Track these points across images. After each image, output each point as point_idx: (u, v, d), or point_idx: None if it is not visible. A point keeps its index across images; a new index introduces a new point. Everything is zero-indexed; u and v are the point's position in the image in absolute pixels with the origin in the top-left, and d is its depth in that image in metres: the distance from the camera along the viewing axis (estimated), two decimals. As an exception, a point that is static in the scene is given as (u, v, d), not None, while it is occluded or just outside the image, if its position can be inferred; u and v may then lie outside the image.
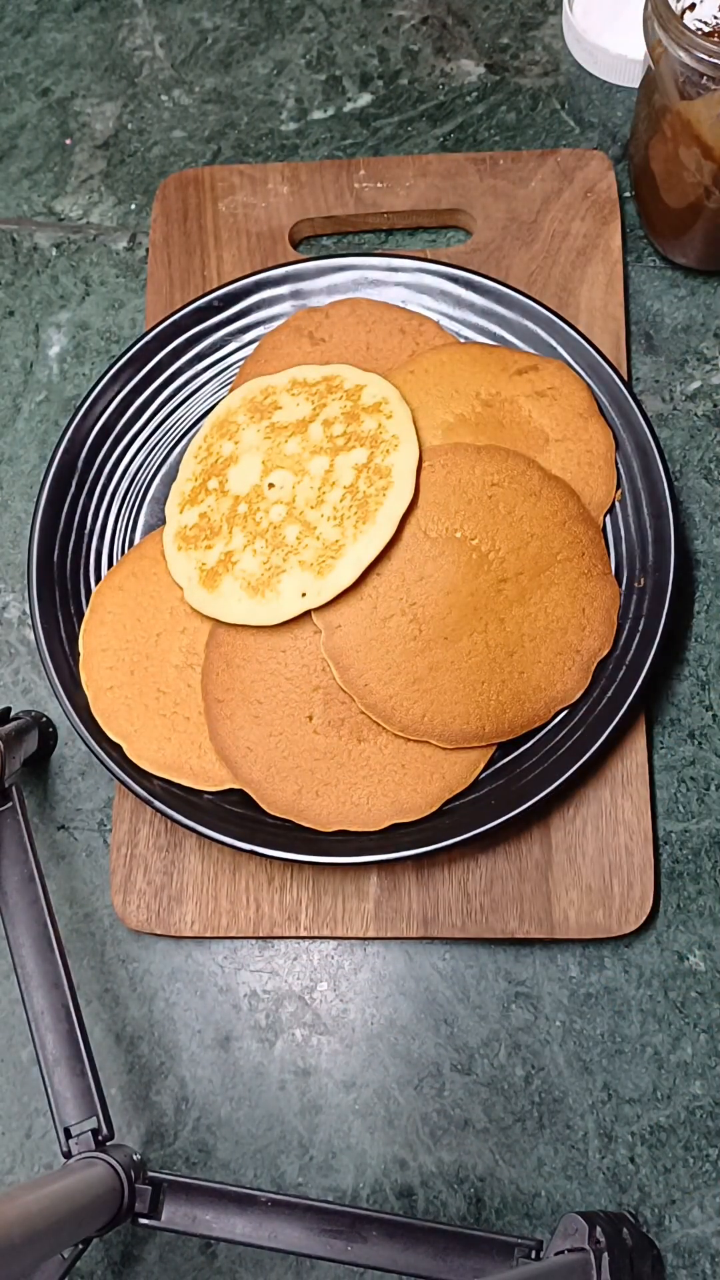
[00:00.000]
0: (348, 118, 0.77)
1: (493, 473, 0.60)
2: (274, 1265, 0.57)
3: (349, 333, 0.67)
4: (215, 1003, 0.61)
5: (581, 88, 0.76)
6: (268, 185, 0.73)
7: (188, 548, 0.60)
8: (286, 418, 0.61)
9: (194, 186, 0.74)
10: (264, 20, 0.80)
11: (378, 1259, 0.52)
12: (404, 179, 0.73)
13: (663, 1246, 0.56)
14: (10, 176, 0.77)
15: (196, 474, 0.62)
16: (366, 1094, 0.59)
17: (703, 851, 0.61)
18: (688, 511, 0.66)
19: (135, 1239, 0.58)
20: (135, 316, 0.73)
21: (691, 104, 0.59)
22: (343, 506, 0.57)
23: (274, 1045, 0.60)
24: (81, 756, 0.65)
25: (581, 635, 0.60)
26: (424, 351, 0.65)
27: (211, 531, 0.60)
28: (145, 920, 0.61)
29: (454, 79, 0.77)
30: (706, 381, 0.68)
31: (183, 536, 0.61)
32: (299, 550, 0.57)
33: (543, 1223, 0.57)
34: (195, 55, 0.79)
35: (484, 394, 0.63)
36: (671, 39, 0.57)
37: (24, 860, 0.57)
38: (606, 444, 0.63)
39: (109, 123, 0.78)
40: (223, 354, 0.68)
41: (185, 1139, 0.60)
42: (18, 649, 0.67)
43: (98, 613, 0.62)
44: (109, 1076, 0.60)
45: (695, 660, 0.64)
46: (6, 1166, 0.60)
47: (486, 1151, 0.58)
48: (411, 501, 0.58)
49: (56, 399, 0.72)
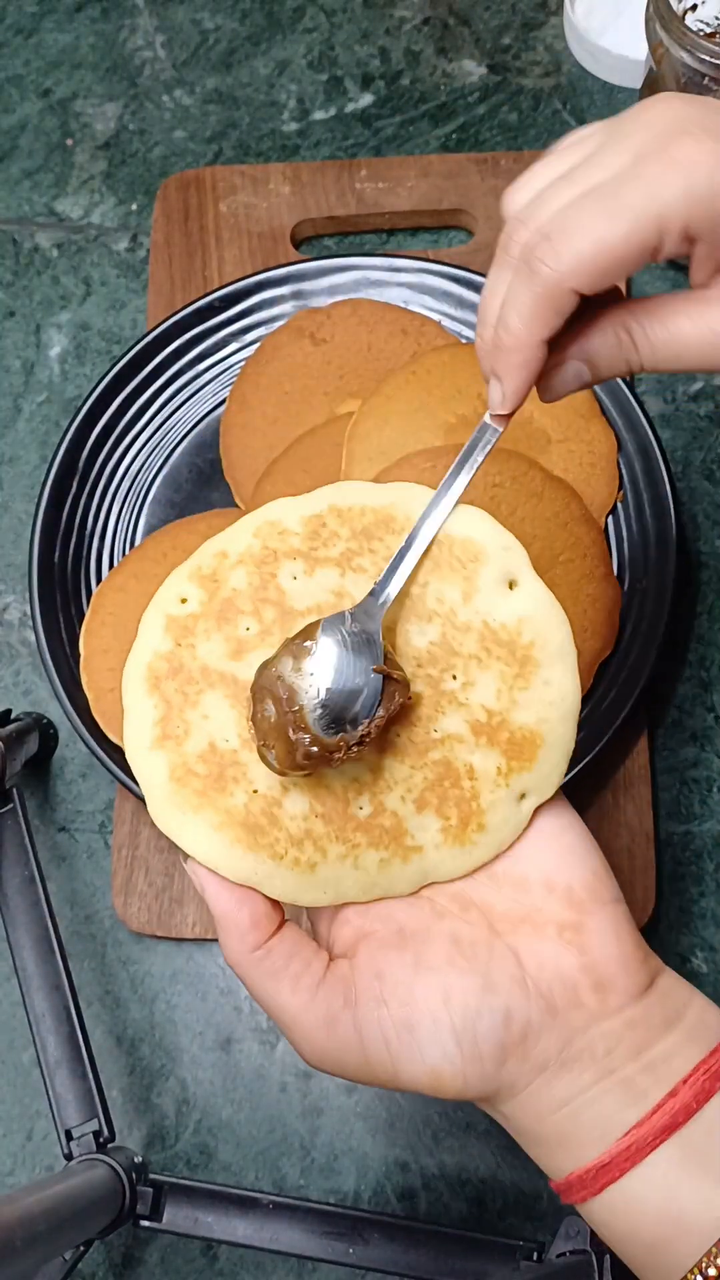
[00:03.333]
0: (349, 118, 0.77)
1: (494, 473, 0.60)
2: (275, 1267, 0.57)
3: (350, 333, 0.67)
4: (216, 1005, 0.61)
5: (583, 88, 0.76)
6: (269, 185, 0.73)
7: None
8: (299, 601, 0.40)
9: (195, 187, 0.74)
10: (265, 20, 0.80)
11: (379, 1261, 0.52)
12: (406, 179, 0.72)
13: (665, 1249, 0.56)
14: (11, 177, 0.77)
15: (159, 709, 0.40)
16: (368, 1096, 0.59)
17: (704, 853, 0.61)
18: (690, 513, 0.66)
19: (136, 1241, 0.58)
20: (136, 317, 0.73)
21: (694, 104, 0.59)
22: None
23: (275, 1047, 0.60)
24: (82, 758, 0.65)
25: (583, 637, 0.60)
26: (426, 352, 0.65)
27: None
28: (146, 922, 0.61)
29: (456, 79, 0.77)
30: (709, 382, 0.68)
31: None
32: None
33: (545, 1225, 0.57)
34: (196, 55, 0.79)
35: (486, 395, 0.63)
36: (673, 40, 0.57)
37: (25, 862, 0.57)
38: (609, 445, 0.63)
39: (110, 123, 0.78)
40: (224, 354, 0.68)
41: (186, 1141, 0.60)
42: (19, 650, 0.67)
43: (99, 614, 0.62)
44: (110, 1079, 0.60)
45: (697, 662, 0.64)
46: (8, 1169, 0.60)
47: (488, 1154, 0.58)
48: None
49: (57, 400, 0.72)
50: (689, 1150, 0.35)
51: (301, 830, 0.38)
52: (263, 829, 0.38)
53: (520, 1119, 0.38)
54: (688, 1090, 0.35)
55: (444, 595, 0.39)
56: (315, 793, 0.38)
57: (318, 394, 0.66)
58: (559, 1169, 0.37)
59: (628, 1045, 0.36)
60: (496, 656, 0.39)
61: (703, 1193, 0.35)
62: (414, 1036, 0.36)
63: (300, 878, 0.38)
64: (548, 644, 0.39)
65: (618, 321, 0.37)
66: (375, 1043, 0.37)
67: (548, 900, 0.38)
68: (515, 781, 0.39)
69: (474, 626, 0.39)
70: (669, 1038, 0.37)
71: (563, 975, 0.37)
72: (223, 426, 0.67)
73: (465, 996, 0.36)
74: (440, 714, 0.39)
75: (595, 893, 0.38)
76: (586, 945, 0.37)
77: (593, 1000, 0.37)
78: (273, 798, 0.38)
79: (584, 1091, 0.36)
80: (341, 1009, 0.37)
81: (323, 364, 0.66)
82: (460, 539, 0.39)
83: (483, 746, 0.39)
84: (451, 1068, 0.36)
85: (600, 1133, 0.36)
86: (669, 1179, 0.35)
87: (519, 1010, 0.36)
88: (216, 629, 0.39)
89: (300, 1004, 0.37)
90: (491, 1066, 0.36)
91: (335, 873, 0.39)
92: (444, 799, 0.39)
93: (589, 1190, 0.36)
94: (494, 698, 0.39)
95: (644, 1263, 0.36)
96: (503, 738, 0.39)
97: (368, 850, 0.39)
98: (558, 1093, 0.36)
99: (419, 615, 0.39)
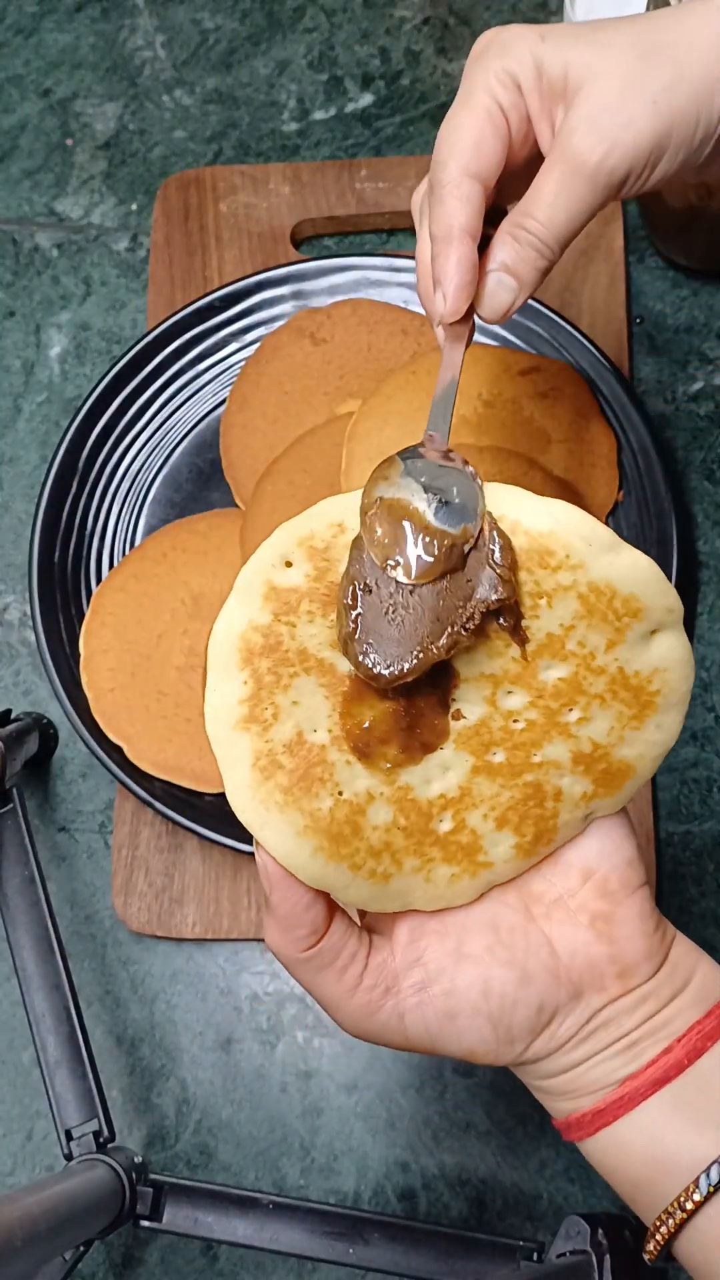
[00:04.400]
0: (349, 118, 0.77)
1: (495, 474, 0.60)
2: (275, 1267, 0.57)
3: (351, 333, 0.67)
4: (216, 1005, 0.61)
5: (583, 88, 0.76)
6: (269, 185, 0.73)
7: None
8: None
9: (195, 187, 0.74)
10: (265, 20, 0.80)
11: (379, 1261, 0.52)
12: (406, 179, 0.72)
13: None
14: (11, 177, 0.77)
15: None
16: (368, 1096, 0.59)
17: (704, 853, 0.61)
18: (690, 512, 0.66)
19: (136, 1241, 0.58)
20: (136, 317, 0.73)
21: (694, 104, 0.59)
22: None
23: (275, 1048, 0.60)
24: (82, 758, 0.65)
25: (583, 637, 0.60)
26: (426, 352, 0.65)
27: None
28: (146, 922, 0.61)
29: (456, 79, 0.77)
30: (709, 382, 0.68)
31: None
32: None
33: (545, 1225, 0.57)
34: (197, 55, 0.79)
35: (486, 395, 0.63)
36: (674, 39, 0.57)
37: (25, 862, 0.57)
38: (608, 445, 0.63)
39: (110, 123, 0.78)
40: (224, 354, 0.68)
41: (186, 1141, 0.60)
42: (19, 650, 0.67)
43: (99, 614, 0.62)
44: (110, 1079, 0.60)
45: (698, 662, 0.64)
46: (8, 1169, 0.60)
47: (488, 1154, 0.58)
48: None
49: (57, 400, 0.72)
50: (678, 1101, 0.38)
51: (382, 842, 0.38)
52: (345, 839, 0.37)
53: (531, 1075, 0.41)
54: (681, 1049, 0.39)
55: (587, 641, 0.37)
56: (400, 804, 0.38)
57: (318, 394, 0.66)
58: (559, 1111, 0.41)
59: (639, 1016, 0.39)
60: (620, 699, 0.38)
61: (686, 1138, 0.38)
62: (454, 1024, 0.39)
63: (374, 888, 0.38)
64: (673, 694, 0.38)
65: (510, 223, 0.42)
66: (417, 1027, 0.39)
67: (583, 886, 0.40)
68: (594, 805, 0.39)
69: (608, 671, 0.37)
70: (675, 1002, 0.40)
71: (591, 964, 0.39)
72: (223, 426, 0.67)
73: (504, 988, 0.39)
74: (548, 741, 0.38)
75: (627, 881, 0.40)
76: (615, 936, 0.39)
77: (615, 986, 0.39)
78: (357, 805, 0.37)
79: (593, 1055, 0.40)
80: (384, 997, 0.39)
81: (323, 364, 0.66)
82: (624, 595, 0.37)
83: (578, 774, 0.38)
84: (485, 1048, 0.39)
85: (601, 1085, 0.40)
86: (656, 1126, 0.38)
87: (550, 999, 0.39)
88: (321, 613, 0.36)
89: (344, 992, 0.39)
90: (521, 1046, 0.39)
91: (407, 884, 0.39)
92: (524, 818, 0.39)
93: (585, 1131, 0.40)
94: (605, 734, 0.38)
95: (633, 1197, 0.40)
96: (599, 769, 0.39)
97: (440, 865, 0.39)
98: (572, 1059, 0.40)
99: (553, 654, 0.37)
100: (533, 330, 0.66)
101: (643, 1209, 0.39)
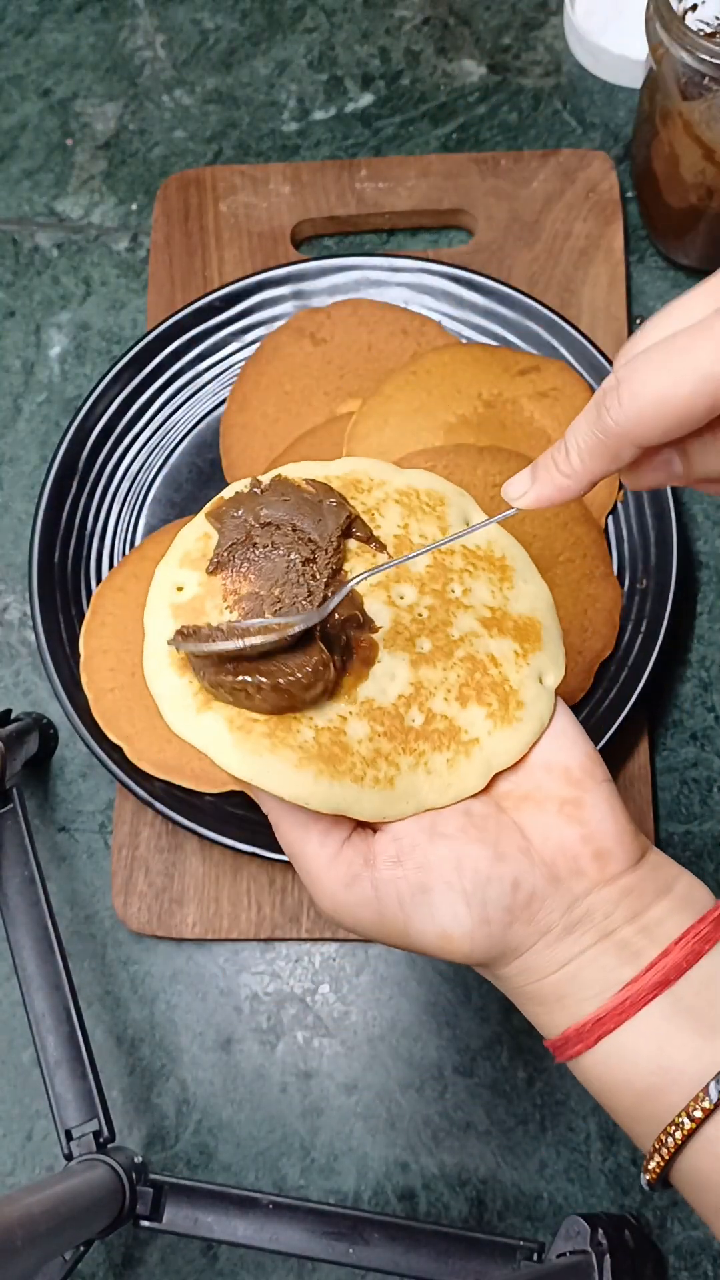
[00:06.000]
0: (349, 118, 0.77)
1: (495, 474, 0.60)
2: (275, 1268, 0.57)
3: (351, 333, 0.67)
4: (216, 1005, 0.61)
5: (583, 88, 0.76)
6: (269, 185, 0.73)
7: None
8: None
9: (195, 187, 0.74)
10: (265, 20, 0.80)
11: (379, 1261, 0.52)
12: (406, 179, 0.72)
13: (665, 1249, 0.56)
14: (11, 177, 0.77)
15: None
16: (368, 1096, 0.59)
17: (705, 853, 0.61)
18: (690, 513, 0.66)
19: (136, 1241, 0.58)
20: (136, 317, 0.73)
21: (693, 105, 0.59)
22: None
23: (275, 1048, 0.60)
24: (82, 758, 0.65)
25: (584, 637, 0.60)
26: (426, 352, 0.65)
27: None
28: (146, 922, 0.61)
29: (456, 79, 0.77)
30: (708, 382, 0.68)
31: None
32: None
33: (545, 1225, 0.57)
34: (197, 55, 0.79)
35: (486, 395, 0.63)
36: (673, 40, 0.57)
37: (25, 862, 0.57)
38: (608, 445, 0.63)
39: (110, 123, 0.78)
40: (224, 354, 0.68)
41: (186, 1141, 0.60)
42: (19, 650, 0.67)
43: (99, 614, 0.62)
44: (110, 1079, 0.60)
45: (698, 662, 0.64)
46: (8, 1169, 0.60)
47: (489, 1154, 0.58)
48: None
49: (57, 400, 0.72)
50: (679, 1006, 0.38)
51: (371, 751, 0.40)
52: (339, 757, 0.40)
53: (520, 980, 0.40)
54: (679, 951, 0.38)
55: (425, 532, 0.44)
56: (371, 715, 0.41)
57: (318, 394, 0.66)
58: (555, 1025, 0.40)
59: (624, 910, 0.39)
60: (481, 568, 0.44)
61: (692, 1045, 0.37)
62: (427, 898, 0.39)
63: (383, 795, 0.40)
64: (515, 556, 0.45)
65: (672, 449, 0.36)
66: (390, 901, 0.39)
67: (548, 779, 0.41)
68: (533, 660, 0.43)
69: (456, 549, 0.44)
70: (661, 903, 0.40)
71: (565, 846, 0.40)
72: (223, 426, 0.67)
73: (477, 863, 0.39)
74: (454, 617, 0.43)
75: (590, 772, 0.41)
76: (586, 818, 0.40)
77: (593, 869, 0.39)
78: (336, 728, 0.40)
79: (583, 952, 0.39)
80: (362, 868, 0.40)
81: (323, 364, 0.66)
82: (424, 489, 0.45)
83: (495, 636, 0.43)
84: (461, 929, 0.39)
85: (597, 989, 0.39)
86: (660, 1031, 0.38)
87: (526, 878, 0.39)
88: (229, 606, 0.41)
89: (326, 857, 0.40)
90: (498, 930, 0.39)
91: (412, 782, 0.41)
92: (480, 689, 0.42)
93: (584, 1043, 0.39)
94: (490, 597, 0.44)
95: (634, 1112, 0.39)
96: (509, 625, 0.43)
97: (433, 754, 0.41)
98: (559, 954, 0.39)
99: (408, 548, 0.43)
100: (533, 330, 0.66)
101: (644, 1123, 0.38)
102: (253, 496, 0.43)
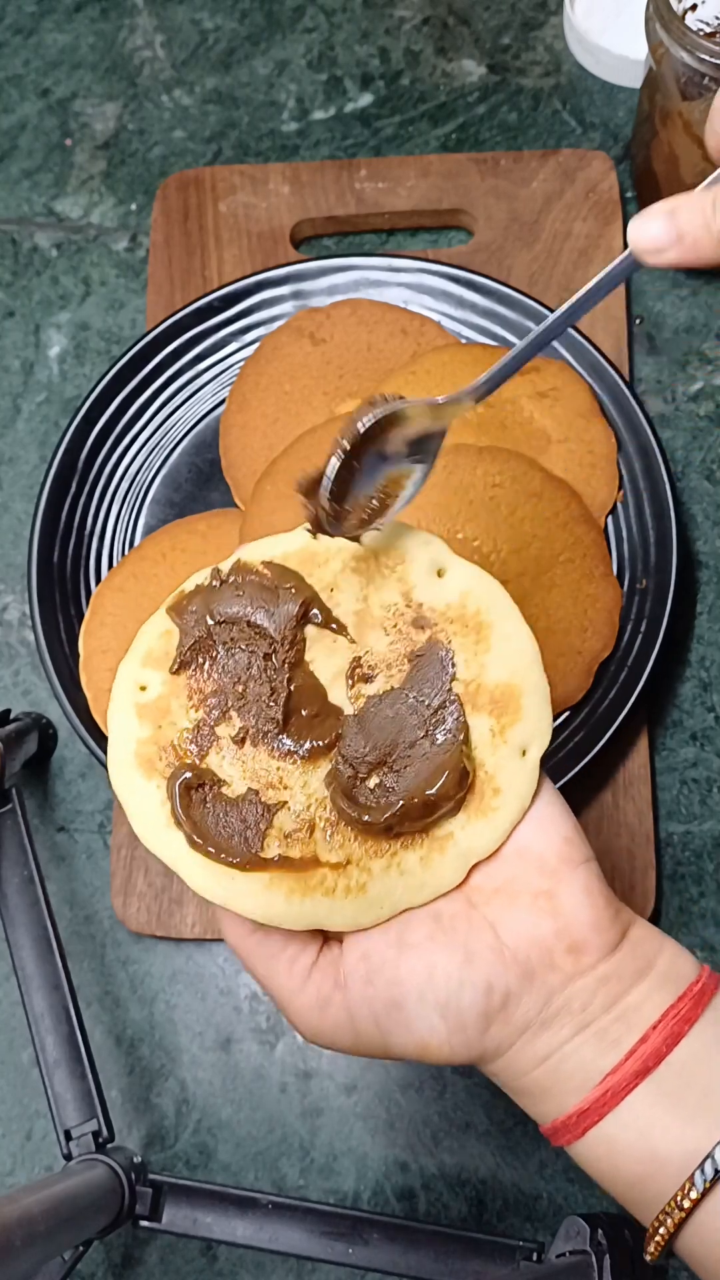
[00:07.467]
0: (349, 118, 0.77)
1: (494, 474, 0.60)
2: (275, 1268, 0.57)
3: (350, 333, 0.67)
4: (216, 1005, 0.61)
5: (583, 88, 0.76)
6: (269, 185, 0.73)
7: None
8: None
9: (195, 187, 0.74)
10: (265, 20, 0.80)
11: (379, 1261, 0.52)
12: (405, 179, 0.72)
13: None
14: (11, 177, 0.77)
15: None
16: (368, 1096, 0.59)
17: (704, 853, 0.61)
18: (690, 512, 0.66)
19: (136, 1241, 0.58)
20: (136, 317, 0.73)
21: (693, 104, 0.59)
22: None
23: (275, 1048, 0.60)
24: (81, 758, 0.65)
25: (583, 637, 0.60)
26: (425, 352, 0.65)
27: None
28: (146, 922, 0.61)
29: (455, 79, 0.77)
30: (709, 382, 0.68)
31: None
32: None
33: (544, 1225, 0.57)
34: (196, 55, 0.79)
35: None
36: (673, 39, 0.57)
37: (24, 862, 0.57)
38: (608, 445, 0.63)
39: (109, 123, 0.78)
40: (224, 354, 0.68)
41: (186, 1141, 0.60)
42: (18, 650, 0.67)
43: (98, 614, 0.62)
44: (109, 1079, 0.60)
45: (697, 662, 0.64)
46: (7, 1169, 0.60)
47: (488, 1154, 0.58)
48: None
49: (57, 400, 0.72)
50: (662, 1091, 0.37)
51: (342, 856, 0.39)
52: (308, 870, 0.38)
53: (506, 1075, 0.40)
54: (657, 1036, 0.38)
55: (386, 602, 0.40)
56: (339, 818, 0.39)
57: (318, 394, 0.66)
58: (545, 1115, 0.39)
59: (602, 999, 0.38)
60: (454, 633, 0.40)
61: (674, 1131, 0.37)
62: (402, 1014, 0.38)
63: (356, 903, 0.39)
64: (493, 606, 0.41)
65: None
66: (365, 1022, 0.39)
67: (522, 869, 0.39)
68: (511, 735, 0.40)
69: (423, 613, 0.41)
70: (640, 986, 0.39)
71: (538, 941, 0.38)
72: (222, 426, 0.67)
73: (448, 970, 0.38)
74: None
75: (567, 858, 0.39)
76: (559, 910, 0.39)
77: (568, 962, 0.38)
78: (304, 836, 0.39)
79: (563, 1045, 0.38)
80: (333, 991, 0.39)
81: (323, 364, 0.66)
82: (381, 550, 0.41)
83: (470, 714, 0.40)
84: (437, 1039, 0.38)
85: (579, 1081, 0.38)
86: (643, 1119, 0.37)
87: (499, 979, 0.38)
88: (189, 701, 0.40)
89: (295, 986, 0.39)
90: (475, 1034, 0.38)
91: (385, 886, 0.39)
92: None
93: (572, 1134, 0.38)
94: (464, 669, 0.40)
95: (628, 1196, 0.38)
96: (484, 700, 0.40)
97: (404, 853, 0.39)
98: (539, 1049, 0.38)
99: (372, 626, 0.40)
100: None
101: (639, 1208, 0.38)
102: (211, 590, 0.41)
